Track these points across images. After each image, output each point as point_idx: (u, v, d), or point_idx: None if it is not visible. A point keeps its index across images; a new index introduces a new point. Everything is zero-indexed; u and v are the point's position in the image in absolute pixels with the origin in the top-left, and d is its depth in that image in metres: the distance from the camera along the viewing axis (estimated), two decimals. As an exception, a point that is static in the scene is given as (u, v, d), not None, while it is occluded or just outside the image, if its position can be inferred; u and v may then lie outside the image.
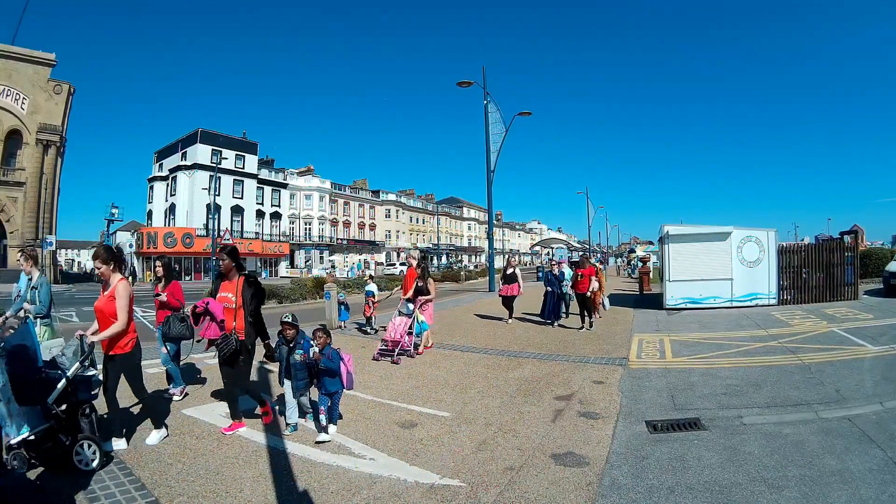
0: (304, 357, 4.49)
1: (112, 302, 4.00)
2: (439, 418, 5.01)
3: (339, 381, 4.51)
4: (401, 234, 71.98)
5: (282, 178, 56.77)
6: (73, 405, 3.83)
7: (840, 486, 3.29)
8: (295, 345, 4.58)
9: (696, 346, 8.25)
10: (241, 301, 4.48)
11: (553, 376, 6.62)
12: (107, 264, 4.08)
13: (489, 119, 17.05)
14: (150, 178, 52.48)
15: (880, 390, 5.32)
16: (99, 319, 4.10)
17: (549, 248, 46.37)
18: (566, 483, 3.52)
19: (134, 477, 3.62)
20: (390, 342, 7.86)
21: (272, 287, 19.49)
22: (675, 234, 13.09)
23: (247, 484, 3.55)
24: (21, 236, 37.14)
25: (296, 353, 4.54)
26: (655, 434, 4.44)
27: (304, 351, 4.50)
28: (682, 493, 3.31)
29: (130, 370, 4.17)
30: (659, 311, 12.92)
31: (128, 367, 4.14)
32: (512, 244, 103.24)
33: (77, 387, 3.86)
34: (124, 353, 4.08)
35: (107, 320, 4.02)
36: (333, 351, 4.53)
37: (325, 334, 4.60)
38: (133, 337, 4.16)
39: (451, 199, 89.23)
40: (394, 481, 3.60)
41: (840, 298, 12.87)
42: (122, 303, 4.01)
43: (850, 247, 13.60)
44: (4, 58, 37.00)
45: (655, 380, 6.29)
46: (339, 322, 11.62)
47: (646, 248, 42.87)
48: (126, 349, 4.09)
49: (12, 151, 37.59)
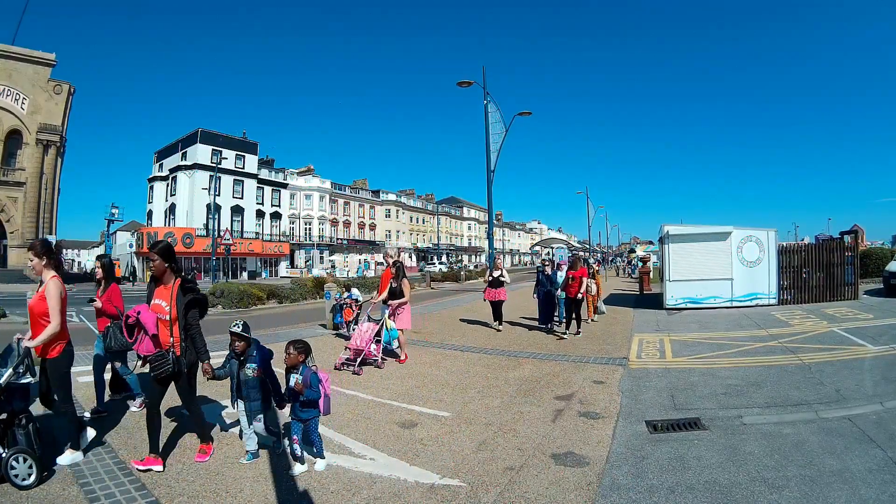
0: (258, 373, 3.90)
1: (43, 302, 3.70)
2: (439, 418, 5.01)
3: (314, 409, 3.88)
4: (401, 234, 71.97)
5: (282, 178, 56.77)
6: (9, 415, 3.52)
7: (840, 485, 3.29)
8: (246, 358, 3.93)
9: (696, 346, 8.24)
10: (176, 311, 3.75)
11: (553, 376, 6.62)
12: (39, 258, 3.81)
13: (489, 119, 17.04)
14: (150, 178, 52.49)
15: (880, 390, 5.32)
16: (31, 320, 3.78)
17: (549, 248, 46.34)
18: (566, 483, 3.52)
19: (134, 477, 3.62)
20: (353, 350, 7.14)
21: (272, 287, 19.53)
22: (676, 234, 13.09)
23: (247, 484, 3.55)
24: (21, 236, 37.17)
25: (247, 369, 3.89)
26: (655, 434, 4.44)
27: (258, 365, 3.90)
28: (682, 492, 3.31)
29: (57, 378, 3.78)
30: (659, 311, 12.92)
31: (54, 374, 3.78)
32: (512, 244, 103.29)
33: (11, 395, 3.53)
34: (51, 359, 3.74)
35: (37, 321, 3.71)
36: (313, 375, 3.83)
37: (303, 351, 3.91)
38: (63, 341, 3.80)
39: (451, 199, 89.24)
40: (394, 481, 3.60)
41: (840, 298, 12.87)
42: (54, 303, 3.68)
43: (850, 247, 13.61)
44: (4, 58, 37.02)
45: (655, 380, 6.29)
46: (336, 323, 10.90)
47: (646, 248, 42.88)
48: (52, 354, 3.74)
49: (12, 151, 37.64)
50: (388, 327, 7.46)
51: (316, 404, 3.85)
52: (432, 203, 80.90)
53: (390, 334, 7.52)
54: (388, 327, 7.46)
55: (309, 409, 3.83)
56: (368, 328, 7.33)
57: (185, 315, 3.76)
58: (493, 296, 10.61)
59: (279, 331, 11.15)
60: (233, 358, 3.98)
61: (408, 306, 7.92)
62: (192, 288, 3.86)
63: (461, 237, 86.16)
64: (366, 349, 7.07)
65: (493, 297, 10.62)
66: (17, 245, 37.20)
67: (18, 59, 37.76)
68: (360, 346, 7.10)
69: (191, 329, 3.80)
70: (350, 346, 7.28)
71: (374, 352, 7.19)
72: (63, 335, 3.80)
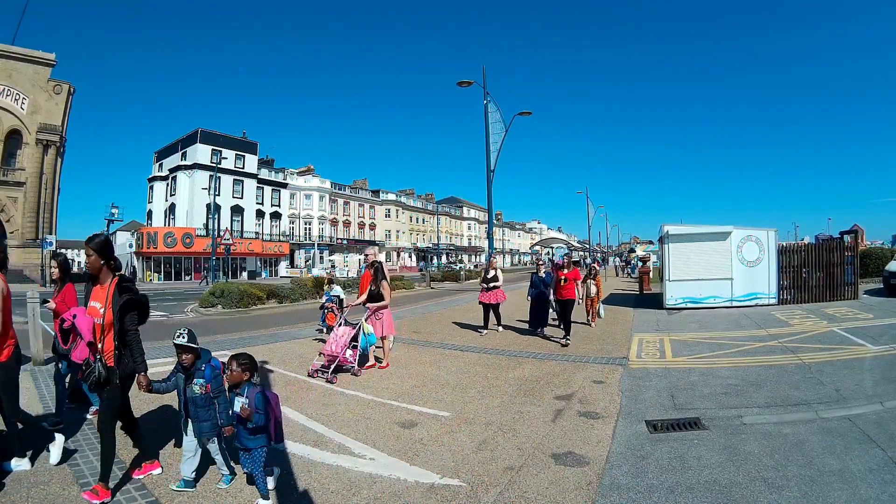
0: (206, 389, 3.45)
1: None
2: (439, 418, 5.01)
3: (263, 437, 3.33)
4: (401, 233, 71.97)
5: (282, 178, 56.78)
6: None
7: (840, 485, 3.29)
8: (194, 373, 3.49)
9: (696, 346, 8.24)
10: (111, 314, 3.30)
11: (553, 376, 6.62)
12: None
13: (489, 119, 17.02)
14: (150, 177, 52.54)
15: (880, 390, 5.32)
16: None
17: (549, 248, 46.39)
18: (566, 483, 3.52)
19: (134, 477, 3.62)
20: (327, 356, 6.69)
21: (272, 287, 19.51)
22: (675, 234, 13.09)
23: (247, 483, 3.55)
24: (21, 236, 37.18)
25: (194, 384, 3.44)
26: (655, 434, 4.44)
27: (207, 380, 3.46)
28: (682, 492, 3.31)
29: (3, 383, 3.57)
30: (659, 311, 12.92)
31: (2, 379, 3.56)
32: (512, 244, 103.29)
33: None
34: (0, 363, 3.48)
35: None
36: (258, 396, 3.29)
37: (247, 368, 3.37)
38: (11, 344, 3.59)
39: (451, 199, 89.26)
40: (394, 481, 3.60)
41: (840, 298, 12.87)
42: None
43: (849, 246, 13.60)
44: (4, 58, 37.02)
45: (655, 379, 6.29)
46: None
47: (646, 248, 42.90)
48: (2, 358, 3.52)
49: (12, 151, 37.64)
50: (365, 332, 7.00)
51: (265, 430, 3.31)
52: (432, 203, 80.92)
53: (367, 339, 7.03)
54: (365, 332, 7.00)
55: (257, 437, 3.29)
56: (344, 332, 6.89)
57: (120, 319, 3.31)
58: (489, 297, 10.08)
59: (279, 331, 11.15)
60: (179, 371, 3.54)
61: (388, 310, 7.46)
62: (128, 288, 3.38)
63: (461, 237, 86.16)
64: (340, 355, 6.63)
65: (488, 300, 10.09)
66: (17, 245, 37.19)
67: (18, 59, 37.76)
68: (335, 351, 6.65)
69: (127, 335, 3.36)
70: (324, 351, 6.81)
71: (349, 358, 6.78)
72: (8, 337, 3.57)
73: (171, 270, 44.59)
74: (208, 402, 3.46)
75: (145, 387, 3.35)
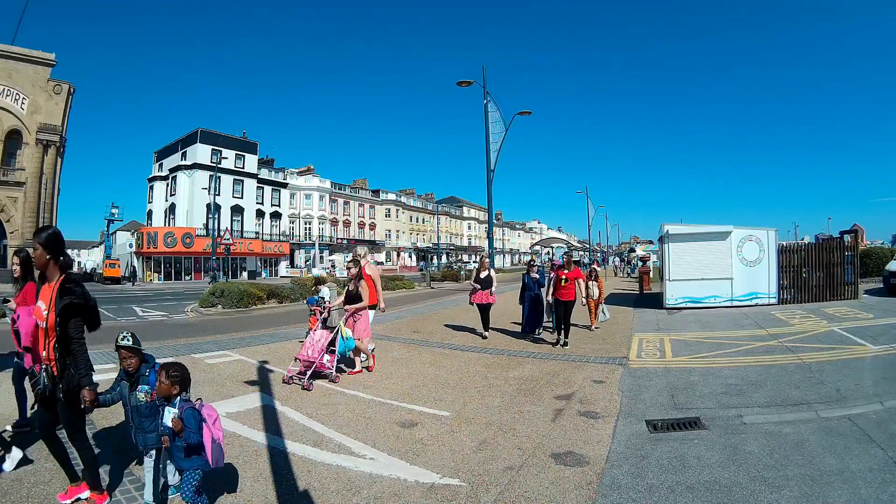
0: (152, 397, 3.15)
1: None
2: (439, 418, 5.01)
3: (198, 458, 3.02)
4: (401, 233, 71.98)
5: (282, 178, 56.79)
6: None
7: (840, 485, 3.29)
8: (138, 379, 3.22)
9: (696, 346, 8.24)
10: (54, 318, 2.94)
11: (553, 376, 6.62)
12: None
13: (489, 118, 17.02)
14: (150, 177, 52.55)
15: (880, 390, 5.32)
16: None
17: (549, 248, 46.36)
18: (566, 482, 3.52)
19: (134, 477, 3.62)
20: (303, 362, 6.30)
21: (272, 287, 19.51)
22: (676, 234, 13.09)
23: (247, 483, 3.55)
24: (21, 236, 37.15)
25: (139, 392, 3.17)
26: (655, 433, 4.44)
27: (152, 387, 3.15)
28: (682, 492, 3.31)
29: None
30: (659, 311, 12.92)
31: None
32: (512, 244, 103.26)
33: None
34: None
35: None
36: (189, 412, 3.00)
37: (177, 381, 3.08)
38: None
39: (451, 199, 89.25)
40: (394, 481, 3.60)
41: (840, 298, 12.87)
42: None
43: (850, 246, 13.59)
44: (4, 58, 37.01)
45: (656, 379, 6.29)
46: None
47: (646, 248, 42.90)
48: None
49: (12, 151, 37.63)
50: (343, 335, 6.55)
51: (199, 451, 3.01)
52: (432, 203, 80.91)
53: (346, 343, 6.59)
54: (343, 335, 6.55)
55: (192, 458, 3.01)
56: (322, 336, 6.50)
57: (62, 324, 2.94)
58: (481, 298, 9.62)
59: (279, 330, 11.16)
60: (123, 379, 3.27)
61: (367, 312, 7.11)
62: (71, 290, 2.99)
63: (461, 237, 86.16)
64: (317, 361, 6.25)
65: (481, 300, 9.63)
66: (17, 245, 37.20)
67: (18, 59, 37.75)
68: (312, 357, 6.28)
69: (72, 343, 2.98)
70: (300, 356, 6.38)
71: (327, 364, 6.37)
72: None
73: (172, 270, 44.61)
74: (153, 410, 3.14)
75: (90, 402, 2.98)
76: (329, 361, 6.43)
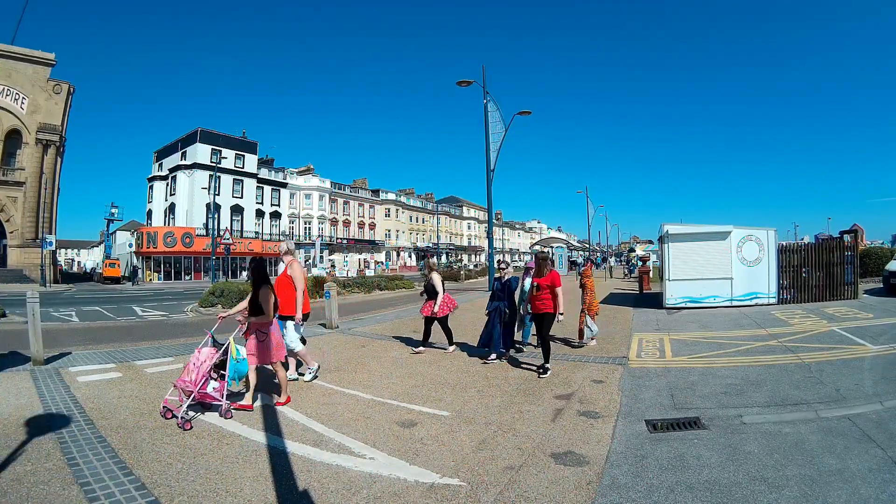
0: None
1: None
2: (439, 417, 5.00)
3: None
4: (400, 233, 71.98)
5: (281, 178, 56.78)
6: None
7: (840, 485, 3.29)
8: None
9: (695, 346, 8.24)
10: None
11: (553, 375, 6.62)
12: None
13: (489, 118, 17.03)
14: (150, 177, 52.51)
15: (880, 389, 5.32)
16: None
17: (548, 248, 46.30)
18: (566, 482, 3.52)
19: (134, 476, 3.61)
20: (181, 390, 4.85)
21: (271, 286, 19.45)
22: (675, 234, 13.08)
23: (247, 483, 3.55)
24: (21, 236, 37.15)
25: None
26: (655, 433, 4.44)
27: None
28: (681, 492, 3.31)
29: None
30: (659, 311, 12.92)
31: None
32: (512, 243, 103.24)
33: None
34: None
35: None
36: None
37: None
38: None
39: (450, 199, 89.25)
40: (393, 480, 3.60)
41: (840, 298, 12.87)
42: None
43: (849, 246, 13.59)
44: (4, 57, 36.98)
45: (655, 379, 6.29)
46: None
47: (646, 248, 42.88)
48: None
49: (12, 151, 37.59)
50: (233, 356, 5.06)
51: None
52: (432, 202, 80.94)
53: (236, 367, 5.08)
54: (233, 356, 5.06)
55: None
56: (207, 356, 5.01)
57: None
58: (430, 310, 7.95)
59: (279, 330, 11.15)
60: None
61: (274, 331, 5.40)
62: None
63: (461, 236, 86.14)
64: (195, 390, 4.77)
65: (430, 312, 7.96)
66: (16, 245, 37.18)
67: (18, 59, 37.70)
68: (189, 384, 4.79)
69: None
70: (177, 382, 4.91)
71: (213, 393, 4.89)
72: None
73: (171, 270, 44.59)
74: None
75: None
76: (217, 391, 4.92)
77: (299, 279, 6.31)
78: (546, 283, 6.83)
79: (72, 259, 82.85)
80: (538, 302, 6.88)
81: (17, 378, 6.43)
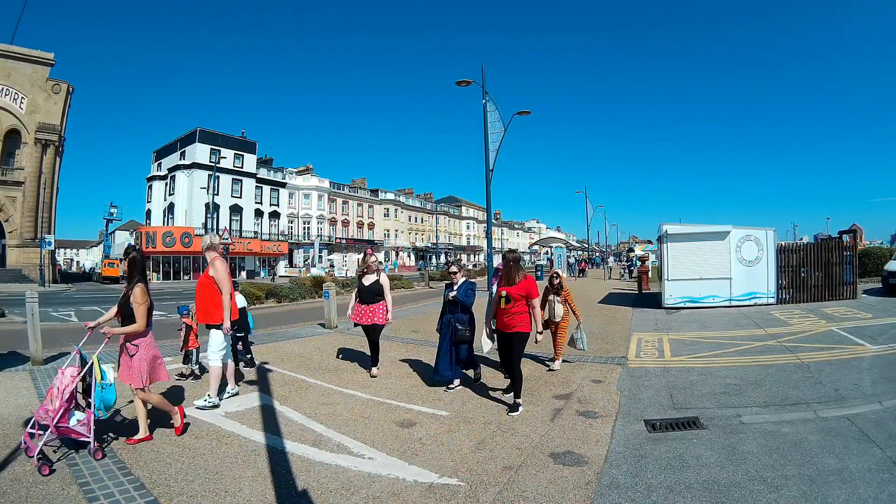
0: None
1: None
2: (438, 417, 5.00)
3: None
4: (399, 233, 71.94)
5: (280, 178, 56.73)
6: None
7: (839, 485, 3.29)
8: None
9: (694, 346, 8.25)
10: None
11: (552, 375, 6.62)
12: None
13: (488, 118, 17.03)
14: (149, 177, 52.45)
15: (879, 389, 5.33)
16: None
17: (547, 248, 46.26)
18: (565, 482, 3.52)
19: (133, 476, 3.61)
20: (37, 422, 3.79)
21: (272, 286, 19.50)
22: (674, 234, 13.09)
23: (246, 483, 3.55)
24: (20, 236, 37.08)
25: None
26: (654, 433, 4.44)
27: None
28: (680, 492, 3.31)
29: None
30: (658, 311, 12.92)
31: None
32: (511, 243, 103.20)
33: None
34: None
35: None
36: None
37: None
38: None
39: (449, 198, 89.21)
40: (393, 480, 3.60)
41: (839, 297, 12.88)
42: None
43: (848, 246, 13.61)
44: (3, 57, 36.90)
45: (654, 379, 6.29)
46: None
47: (645, 248, 42.91)
48: None
49: (11, 151, 37.51)
50: (97, 379, 3.95)
51: None
52: (431, 202, 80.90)
53: (103, 396, 3.98)
54: (97, 379, 3.95)
55: None
56: (70, 378, 3.92)
57: None
58: (362, 317, 6.55)
59: (278, 330, 11.16)
60: None
61: (147, 346, 4.21)
62: None
63: (460, 236, 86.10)
64: (51, 422, 3.71)
65: (362, 320, 6.55)
66: (16, 245, 37.09)
67: (17, 59, 37.61)
68: (47, 415, 3.76)
69: None
70: (36, 413, 3.89)
71: (76, 427, 3.83)
72: None
73: (171, 270, 44.57)
74: None
75: None
76: (82, 424, 3.85)
77: (224, 280, 5.24)
78: (520, 294, 5.12)
79: (71, 259, 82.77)
80: (506, 317, 5.13)
81: (17, 378, 6.43)
